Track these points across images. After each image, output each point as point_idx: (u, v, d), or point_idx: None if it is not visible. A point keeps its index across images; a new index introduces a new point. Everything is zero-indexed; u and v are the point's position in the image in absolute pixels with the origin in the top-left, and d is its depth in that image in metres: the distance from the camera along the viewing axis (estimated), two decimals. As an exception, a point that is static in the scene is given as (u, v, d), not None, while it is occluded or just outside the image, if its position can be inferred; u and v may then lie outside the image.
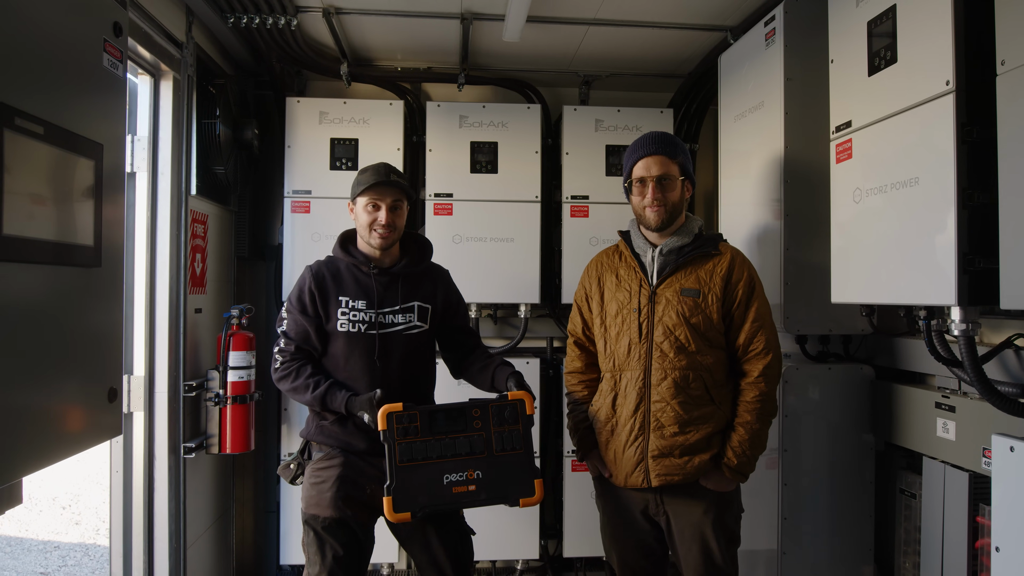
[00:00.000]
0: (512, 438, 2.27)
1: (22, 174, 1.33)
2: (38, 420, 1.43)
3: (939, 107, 2.01)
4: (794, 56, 2.79)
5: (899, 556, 2.78)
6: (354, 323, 2.43)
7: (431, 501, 2.20)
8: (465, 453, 2.23)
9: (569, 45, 3.58)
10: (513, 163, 3.68)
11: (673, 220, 2.39)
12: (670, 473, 2.28)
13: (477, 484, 2.21)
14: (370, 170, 2.48)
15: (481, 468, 2.23)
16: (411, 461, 2.20)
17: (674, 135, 2.46)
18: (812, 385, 2.86)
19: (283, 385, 2.44)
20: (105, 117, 1.63)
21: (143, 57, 2.77)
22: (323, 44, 3.59)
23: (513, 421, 2.28)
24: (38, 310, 1.43)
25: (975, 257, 1.93)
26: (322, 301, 2.44)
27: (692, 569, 2.35)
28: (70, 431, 1.54)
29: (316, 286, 2.45)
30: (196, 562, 3.17)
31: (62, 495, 6.41)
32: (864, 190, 2.33)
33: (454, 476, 2.21)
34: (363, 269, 2.49)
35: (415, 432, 2.22)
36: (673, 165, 2.36)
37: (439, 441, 2.23)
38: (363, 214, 2.45)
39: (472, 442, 2.24)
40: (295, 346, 2.44)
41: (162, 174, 2.93)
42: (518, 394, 2.31)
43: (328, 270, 2.50)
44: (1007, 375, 2.19)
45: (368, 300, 2.46)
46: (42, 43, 1.42)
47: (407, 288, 2.52)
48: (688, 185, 2.42)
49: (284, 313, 2.50)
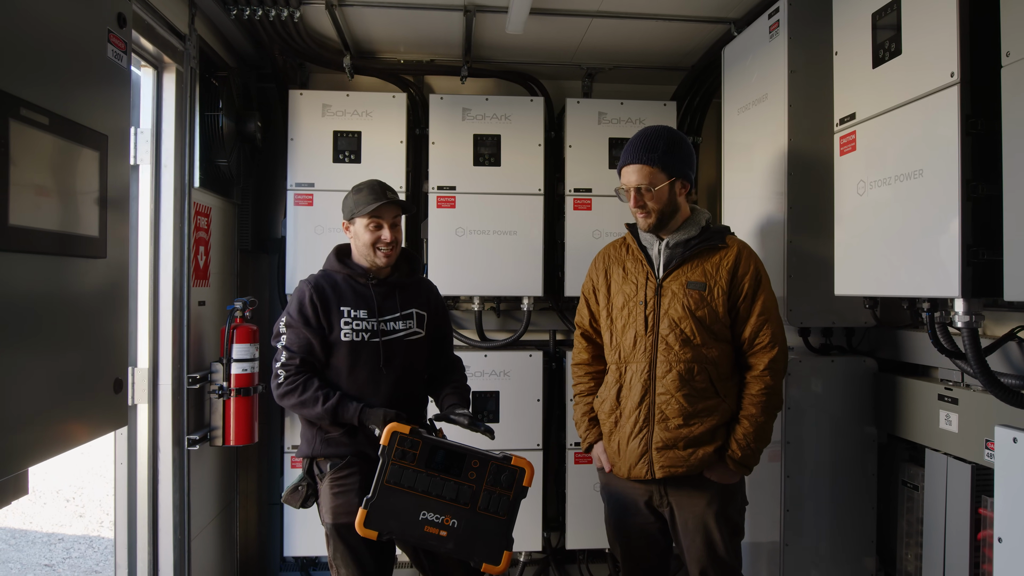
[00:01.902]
0: (500, 502, 2.23)
1: (28, 164, 1.33)
2: (43, 411, 1.43)
3: (944, 99, 2.00)
4: (798, 48, 2.79)
5: (901, 548, 2.79)
6: (357, 332, 2.46)
7: (400, 530, 2.20)
8: (450, 499, 2.21)
9: (572, 37, 3.57)
10: (516, 156, 3.68)
11: (665, 222, 2.37)
12: (674, 465, 2.29)
13: (449, 532, 2.20)
14: (366, 189, 2.51)
15: (459, 519, 2.21)
16: (397, 485, 2.21)
17: (667, 130, 2.40)
18: (815, 378, 2.86)
19: (288, 400, 2.42)
20: (110, 108, 1.63)
21: (146, 49, 2.77)
22: (326, 36, 3.58)
23: (507, 487, 2.24)
24: (43, 301, 1.43)
25: (979, 249, 1.93)
26: (324, 312, 2.45)
27: (695, 560, 2.36)
28: (75, 422, 1.55)
29: (318, 297, 2.46)
30: (200, 554, 3.19)
31: (66, 488, 6.44)
32: (868, 182, 2.33)
33: (430, 516, 2.20)
34: (360, 281, 2.53)
35: (412, 459, 2.22)
36: (655, 172, 2.31)
37: (430, 477, 2.22)
38: (365, 233, 2.48)
39: (460, 490, 2.22)
40: (299, 359, 2.43)
41: (165, 166, 2.93)
42: (523, 462, 2.27)
43: (327, 282, 2.51)
44: (1010, 367, 2.19)
45: (369, 309, 2.49)
46: (47, 34, 1.41)
47: (404, 296, 2.58)
48: (683, 184, 2.37)
49: (282, 328, 2.48)
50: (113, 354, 1.68)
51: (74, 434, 1.54)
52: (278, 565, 3.88)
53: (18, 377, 1.34)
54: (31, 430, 1.39)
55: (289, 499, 2.50)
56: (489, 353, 3.68)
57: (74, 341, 1.54)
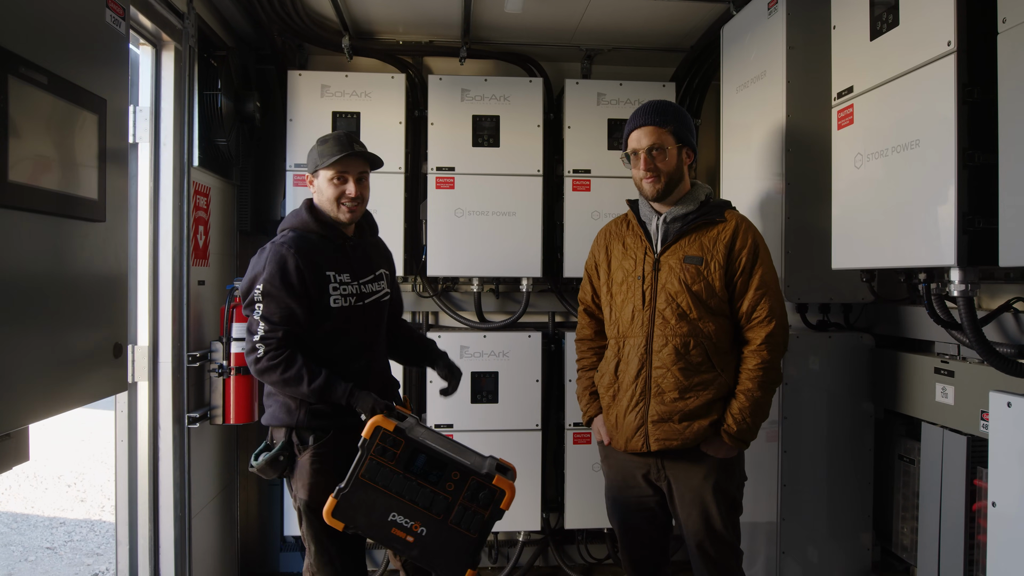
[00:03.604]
0: (473, 520, 2.17)
1: (27, 122, 1.34)
2: (42, 370, 1.45)
3: (940, 68, 2.00)
4: (796, 24, 2.79)
5: (897, 521, 2.81)
6: (346, 297, 2.36)
7: (367, 527, 2.16)
8: (423, 506, 2.15)
9: (571, 18, 3.57)
10: (515, 137, 3.68)
11: (671, 189, 2.38)
12: (669, 438, 2.30)
13: (416, 539, 2.15)
14: (331, 139, 2.37)
15: (428, 527, 2.15)
16: (372, 481, 2.14)
17: (672, 102, 2.45)
18: (812, 354, 2.87)
19: (269, 376, 2.27)
20: (108, 73, 1.64)
21: (144, 26, 2.77)
22: (325, 17, 3.58)
23: (484, 506, 2.18)
24: (43, 262, 1.44)
25: (975, 217, 1.94)
26: (312, 276, 2.30)
27: (692, 534, 2.37)
28: (75, 382, 1.56)
29: (304, 262, 2.28)
30: (201, 532, 3.20)
31: (67, 473, 6.47)
32: (865, 155, 2.33)
33: (400, 519, 2.15)
34: (337, 241, 2.41)
35: (391, 458, 2.15)
36: (665, 134, 2.34)
37: (407, 480, 2.15)
38: (329, 188, 2.35)
39: (435, 500, 2.15)
40: (283, 331, 2.26)
41: (164, 145, 2.93)
42: (505, 484, 2.20)
43: (306, 244, 2.34)
44: (1006, 338, 2.21)
45: (351, 271, 2.40)
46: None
47: (375, 256, 2.53)
48: (688, 152, 2.40)
49: (258, 296, 2.27)
50: (112, 319, 1.69)
51: (73, 395, 1.55)
52: (279, 545, 3.90)
53: (17, 337, 1.36)
54: (30, 389, 1.40)
55: (266, 470, 2.36)
56: (488, 334, 3.69)
57: (73, 303, 1.55)
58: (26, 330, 1.39)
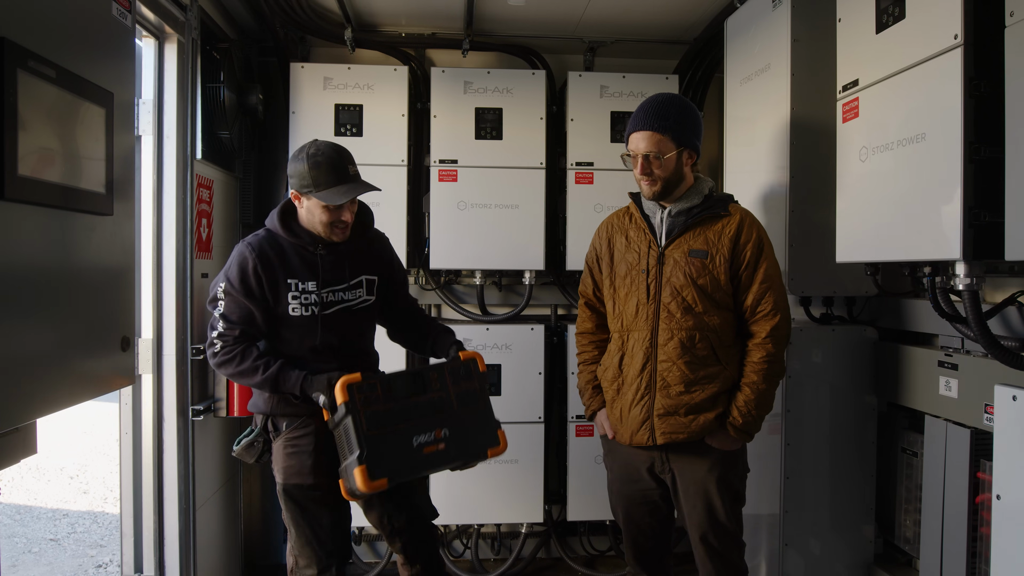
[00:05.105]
0: (471, 395, 2.33)
1: (36, 116, 1.34)
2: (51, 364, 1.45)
3: (947, 61, 2.00)
4: (801, 17, 2.78)
5: (900, 514, 2.82)
6: (306, 306, 2.35)
7: (406, 467, 2.21)
8: (430, 413, 2.26)
9: (574, 10, 3.55)
10: (518, 129, 3.67)
11: (669, 191, 2.37)
12: (675, 431, 2.31)
13: (446, 442, 2.25)
14: (325, 165, 2.27)
15: (447, 425, 2.27)
16: (379, 429, 2.18)
17: (678, 98, 2.41)
18: (815, 347, 2.88)
19: (225, 369, 2.32)
20: (115, 66, 1.63)
21: (147, 19, 2.75)
22: (327, 9, 3.57)
23: (468, 379, 2.34)
24: (51, 255, 1.44)
25: (980, 211, 1.94)
26: (270, 283, 2.30)
27: (696, 526, 2.39)
28: (83, 376, 1.57)
29: (263, 268, 2.29)
30: (205, 524, 3.21)
31: (70, 465, 6.49)
32: (870, 148, 2.33)
33: (423, 437, 2.22)
34: (309, 249, 2.37)
35: (378, 400, 2.20)
36: (663, 140, 2.30)
37: (402, 405, 2.23)
38: (322, 213, 2.30)
39: (434, 403, 2.27)
40: (239, 331, 2.29)
41: (167, 137, 2.92)
42: (469, 354, 2.38)
43: (272, 250, 2.33)
44: (1010, 331, 2.21)
45: (318, 280, 2.37)
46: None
47: (355, 263, 2.45)
48: (689, 153, 2.37)
49: (220, 294, 2.30)
50: (120, 312, 1.69)
51: (82, 389, 1.55)
52: (282, 537, 3.91)
53: (26, 331, 1.36)
54: (39, 383, 1.41)
55: (243, 454, 2.47)
56: (491, 327, 3.69)
57: (81, 297, 1.55)
58: (34, 324, 1.39)
